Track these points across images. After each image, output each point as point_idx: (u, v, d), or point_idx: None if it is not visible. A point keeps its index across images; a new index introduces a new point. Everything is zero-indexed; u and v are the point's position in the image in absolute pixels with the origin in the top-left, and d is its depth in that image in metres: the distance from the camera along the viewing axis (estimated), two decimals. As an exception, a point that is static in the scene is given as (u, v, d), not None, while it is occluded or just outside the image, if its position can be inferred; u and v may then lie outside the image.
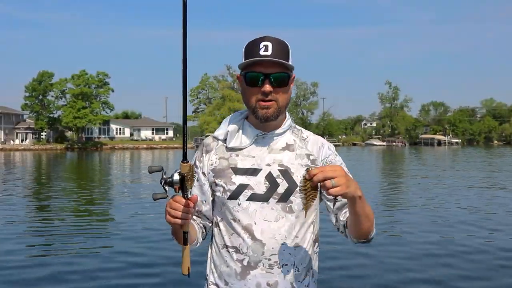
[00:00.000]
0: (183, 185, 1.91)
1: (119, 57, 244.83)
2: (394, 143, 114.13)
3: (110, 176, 29.66)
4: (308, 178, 1.80)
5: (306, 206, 1.85)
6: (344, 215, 2.13)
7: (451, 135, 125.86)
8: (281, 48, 2.08)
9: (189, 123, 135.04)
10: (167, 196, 1.94)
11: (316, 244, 2.24)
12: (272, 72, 2.06)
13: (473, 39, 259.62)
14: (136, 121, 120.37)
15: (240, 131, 2.22)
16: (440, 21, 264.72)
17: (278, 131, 2.20)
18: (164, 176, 1.94)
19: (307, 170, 1.81)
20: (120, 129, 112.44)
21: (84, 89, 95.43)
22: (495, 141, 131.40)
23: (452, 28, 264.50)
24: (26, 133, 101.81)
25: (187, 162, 1.94)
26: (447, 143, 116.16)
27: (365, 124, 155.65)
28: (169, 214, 1.94)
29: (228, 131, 2.22)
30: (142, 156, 62.98)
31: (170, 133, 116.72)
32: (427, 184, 22.26)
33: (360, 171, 30.35)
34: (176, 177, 1.92)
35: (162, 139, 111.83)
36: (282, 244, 2.09)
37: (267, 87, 2.06)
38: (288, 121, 2.24)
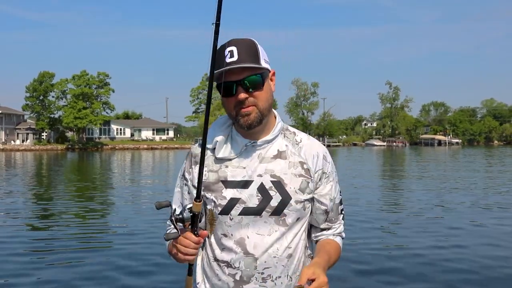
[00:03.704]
0: (194, 221, 1.90)
1: (119, 57, 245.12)
2: (394, 143, 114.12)
3: (110, 177, 29.71)
4: None
5: None
6: (316, 237, 2.24)
7: (451, 135, 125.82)
8: (247, 50, 1.98)
9: (190, 123, 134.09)
10: (179, 235, 1.91)
11: (308, 249, 2.22)
12: (243, 77, 1.97)
13: (474, 39, 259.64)
14: (136, 121, 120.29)
15: (229, 139, 2.12)
16: (441, 21, 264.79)
17: (268, 137, 2.09)
18: (175, 214, 1.92)
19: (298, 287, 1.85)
20: (120, 129, 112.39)
21: (85, 90, 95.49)
22: (496, 141, 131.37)
23: (453, 28, 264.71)
24: (27, 134, 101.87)
25: (200, 201, 1.90)
26: (447, 143, 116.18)
27: (365, 124, 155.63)
28: (180, 251, 1.92)
29: (217, 141, 2.11)
30: (143, 156, 62.96)
31: (171, 134, 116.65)
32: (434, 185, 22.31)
33: (362, 172, 30.38)
34: (187, 214, 1.89)
35: (163, 140, 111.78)
36: (274, 257, 2.05)
37: (242, 95, 1.97)
38: (278, 124, 2.14)
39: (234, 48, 1.96)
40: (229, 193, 2.06)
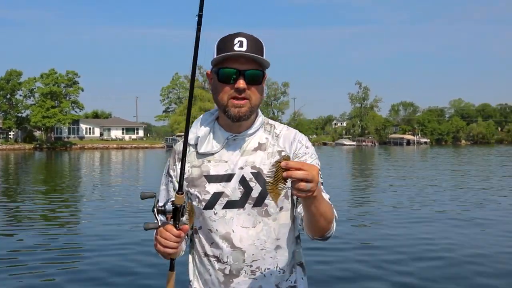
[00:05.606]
0: (176, 214, 1.89)
1: (89, 56, 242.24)
2: (364, 143, 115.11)
3: (79, 177, 29.35)
4: (284, 167, 1.66)
5: (275, 194, 1.70)
6: (301, 207, 2.00)
7: (420, 135, 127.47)
8: (256, 45, 2.01)
9: (160, 123, 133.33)
10: (159, 226, 1.91)
11: (298, 240, 2.20)
12: (247, 68, 1.98)
13: (443, 40, 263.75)
14: (106, 120, 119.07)
15: (211, 134, 2.14)
16: (411, 21, 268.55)
17: (250, 131, 2.11)
18: (157, 205, 1.90)
19: (284, 157, 1.71)
20: (89, 128, 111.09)
21: (53, 88, 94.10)
22: (463, 141, 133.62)
23: (422, 28, 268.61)
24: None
25: (182, 193, 1.90)
26: (416, 142, 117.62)
27: (335, 124, 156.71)
28: (159, 243, 1.88)
29: (199, 136, 2.13)
30: (112, 156, 62.34)
31: (141, 133, 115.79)
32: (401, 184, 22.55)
33: (332, 170, 30.59)
34: (170, 207, 1.88)
35: (132, 139, 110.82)
36: (262, 249, 2.06)
37: (241, 84, 1.98)
38: (259, 118, 2.16)
39: (244, 40, 1.99)
40: (212, 188, 2.08)
